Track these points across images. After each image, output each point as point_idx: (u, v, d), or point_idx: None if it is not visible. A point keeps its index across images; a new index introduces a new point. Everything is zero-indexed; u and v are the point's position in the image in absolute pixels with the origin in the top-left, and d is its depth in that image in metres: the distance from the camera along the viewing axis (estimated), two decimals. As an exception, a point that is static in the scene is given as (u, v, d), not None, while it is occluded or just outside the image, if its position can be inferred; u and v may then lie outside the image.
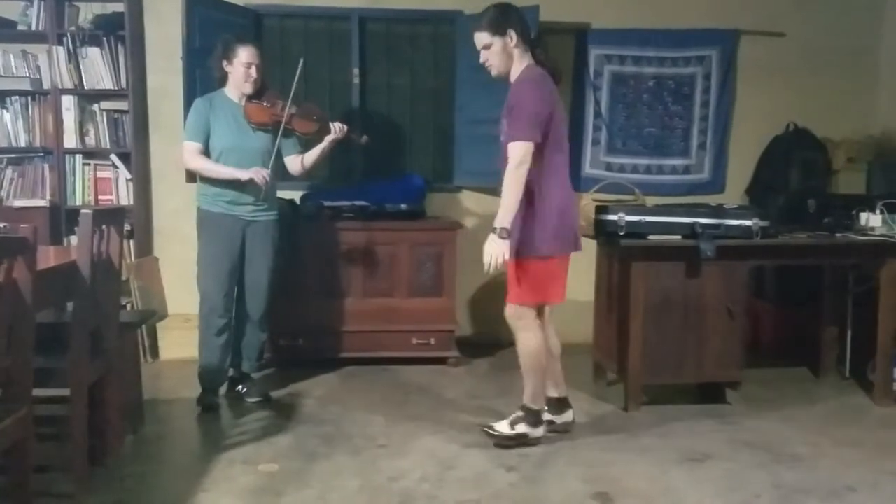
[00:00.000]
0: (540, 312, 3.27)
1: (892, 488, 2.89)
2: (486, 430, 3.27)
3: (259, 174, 3.59)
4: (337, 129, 3.81)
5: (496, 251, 2.97)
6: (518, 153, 3.00)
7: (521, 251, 3.10)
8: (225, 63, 3.69)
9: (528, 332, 3.19)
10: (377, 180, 4.93)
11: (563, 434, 3.38)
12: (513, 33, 3.09)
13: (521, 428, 3.23)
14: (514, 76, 3.15)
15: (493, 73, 3.19)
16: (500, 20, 3.10)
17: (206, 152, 3.67)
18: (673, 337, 3.71)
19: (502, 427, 3.25)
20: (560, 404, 3.42)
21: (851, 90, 5.20)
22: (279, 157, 3.81)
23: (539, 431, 3.26)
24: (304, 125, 3.80)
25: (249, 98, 3.71)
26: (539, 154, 3.05)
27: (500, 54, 3.12)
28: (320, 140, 3.84)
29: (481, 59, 3.18)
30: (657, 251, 3.65)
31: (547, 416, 3.35)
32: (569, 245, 3.19)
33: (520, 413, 3.26)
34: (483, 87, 4.76)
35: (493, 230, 2.99)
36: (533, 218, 3.09)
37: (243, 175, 3.59)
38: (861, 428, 3.57)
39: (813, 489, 2.87)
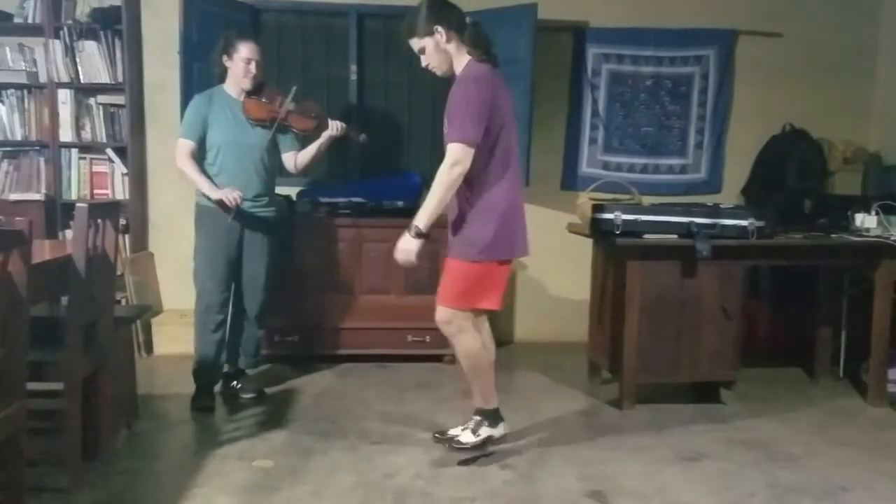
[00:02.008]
0: (475, 318, 3.09)
1: (886, 488, 2.90)
2: (447, 442, 3.16)
3: (228, 196, 3.54)
4: (336, 127, 3.79)
5: (407, 248, 2.91)
6: (454, 155, 2.85)
7: (458, 253, 2.99)
8: (225, 58, 3.68)
9: (461, 336, 3.05)
10: (374, 177, 4.92)
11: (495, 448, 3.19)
12: (440, 29, 2.94)
13: (485, 431, 3.14)
14: (458, 70, 3.00)
15: (438, 73, 3.04)
16: (424, 19, 2.95)
17: (202, 150, 3.66)
18: (668, 336, 3.72)
19: (467, 437, 3.15)
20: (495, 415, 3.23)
21: (848, 91, 5.21)
22: (276, 152, 3.80)
23: (501, 430, 3.17)
24: (302, 122, 3.79)
25: (248, 94, 3.70)
26: (481, 153, 2.89)
27: (436, 54, 2.98)
28: (318, 137, 3.83)
29: (423, 64, 3.05)
30: (653, 250, 3.65)
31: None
32: (510, 250, 3.02)
33: (477, 417, 3.16)
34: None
35: (409, 228, 2.90)
36: (472, 220, 2.96)
37: (214, 195, 3.57)
38: (855, 428, 3.58)
39: (807, 489, 2.87)
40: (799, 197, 4.27)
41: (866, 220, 3.92)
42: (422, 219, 2.91)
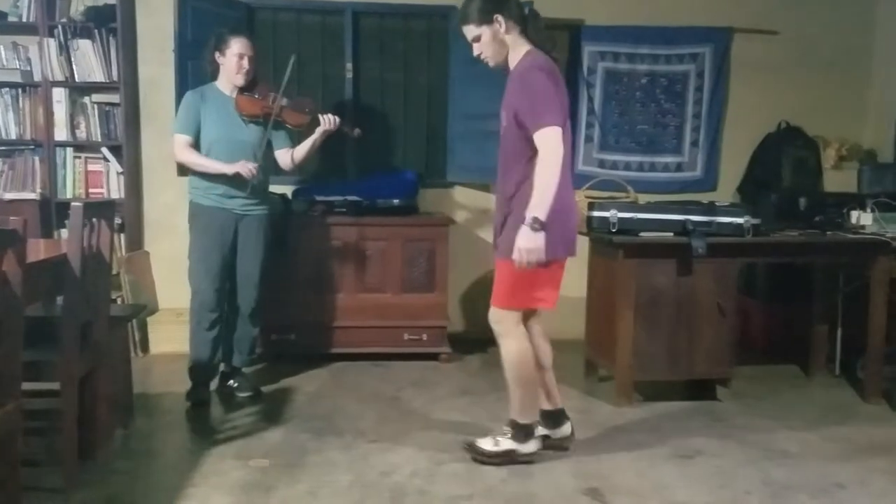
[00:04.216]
0: (526, 318, 3.00)
1: (881, 485, 2.91)
2: (468, 447, 3.07)
3: (245, 168, 3.56)
4: (328, 121, 3.78)
5: (530, 246, 2.69)
6: (550, 140, 2.72)
7: (508, 252, 2.82)
8: (217, 55, 3.67)
9: (509, 339, 2.94)
10: (370, 175, 4.92)
11: (559, 450, 3.12)
12: (500, 18, 2.82)
13: (507, 444, 3.00)
14: (513, 62, 2.89)
15: (491, 64, 2.92)
16: (485, 7, 2.83)
17: (197, 145, 3.65)
18: (664, 334, 3.72)
19: (485, 444, 3.03)
20: (555, 417, 3.15)
21: (843, 89, 5.22)
22: (269, 150, 3.79)
23: (529, 447, 3.01)
24: (296, 117, 3.78)
25: (241, 90, 3.69)
26: (534, 151, 2.78)
27: (492, 44, 2.86)
28: (312, 133, 3.82)
29: (475, 53, 2.91)
30: (649, 248, 3.66)
31: (541, 431, 3.10)
32: (568, 248, 2.92)
33: (506, 428, 3.05)
34: (476, 83, 4.76)
35: (526, 222, 2.69)
36: (522, 219, 2.77)
37: (230, 169, 3.57)
38: (850, 425, 3.58)
39: (802, 486, 2.88)
40: (794, 194, 4.27)
41: (862, 218, 3.94)
42: (539, 210, 2.69)
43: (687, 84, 5.16)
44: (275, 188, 4.34)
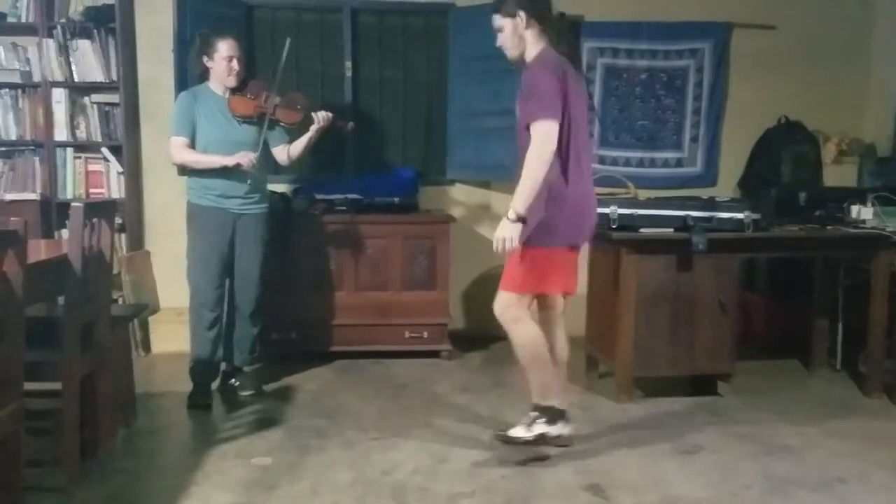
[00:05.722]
0: (544, 311, 3.15)
1: (882, 479, 2.91)
2: (502, 437, 3.12)
3: (246, 157, 3.56)
4: (321, 117, 3.78)
5: (507, 235, 2.83)
6: (541, 133, 2.82)
7: (524, 238, 2.91)
8: (205, 58, 3.66)
9: (518, 324, 3.01)
10: (369, 173, 4.92)
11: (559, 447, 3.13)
12: (523, 14, 2.95)
13: (539, 428, 3.07)
14: (529, 59, 3.00)
15: (508, 56, 3.04)
16: (511, 1, 2.97)
17: (192, 146, 3.65)
18: (665, 329, 3.72)
19: (519, 432, 3.09)
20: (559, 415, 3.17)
21: (843, 83, 5.21)
22: (266, 148, 3.79)
23: (559, 428, 3.08)
24: (289, 115, 3.78)
25: (233, 90, 3.69)
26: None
27: (512, 37, 2.99)
28: (306, 129, 3.82)
29: (497, 42, 3.04)
30: (649, 244, 3.66)
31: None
32: (574, 237, 3.01)
33: (533, 413, 3.10)
34: (475, 80, 4.78)
35: (507, 213, 2.85)
36: (537, 206, 2.89)
37: (230, 161, 3.57)
38: (851, 419, 3.58)
39: (803, 480, 2.89)
40: (794, 189, 4.27)
41: (862, 212, 3.93)
42: (519, 202, 2.83)
43: (686, 79, 5.16)
44: (275, 187, 4.34)
